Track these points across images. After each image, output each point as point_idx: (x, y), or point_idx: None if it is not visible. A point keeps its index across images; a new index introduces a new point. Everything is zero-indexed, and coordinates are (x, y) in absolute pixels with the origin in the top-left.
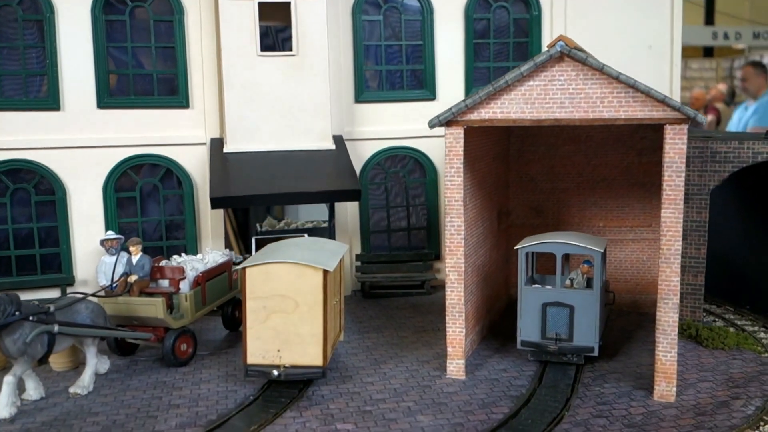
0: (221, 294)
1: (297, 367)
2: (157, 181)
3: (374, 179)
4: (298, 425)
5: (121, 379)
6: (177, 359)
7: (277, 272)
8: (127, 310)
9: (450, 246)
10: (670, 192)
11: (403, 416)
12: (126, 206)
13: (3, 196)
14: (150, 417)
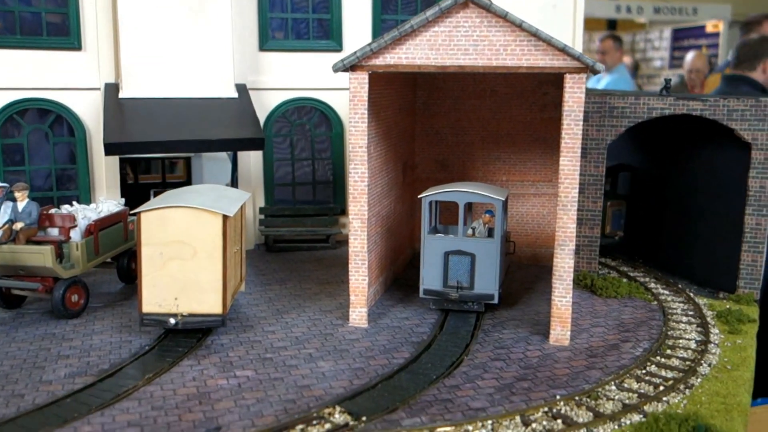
0: (116, 245)
1: (195, 315)
2: (46, 127)
3: (279, 131)
4: (196, 373)
5: (6, 332)
6: (67, 311)
7: (174, 217)
8: (12, 259)
9: (354, 193)
10: (569, 140)
11: (304, 363)
12: (12, 154)
13: None
14: (37, 368)
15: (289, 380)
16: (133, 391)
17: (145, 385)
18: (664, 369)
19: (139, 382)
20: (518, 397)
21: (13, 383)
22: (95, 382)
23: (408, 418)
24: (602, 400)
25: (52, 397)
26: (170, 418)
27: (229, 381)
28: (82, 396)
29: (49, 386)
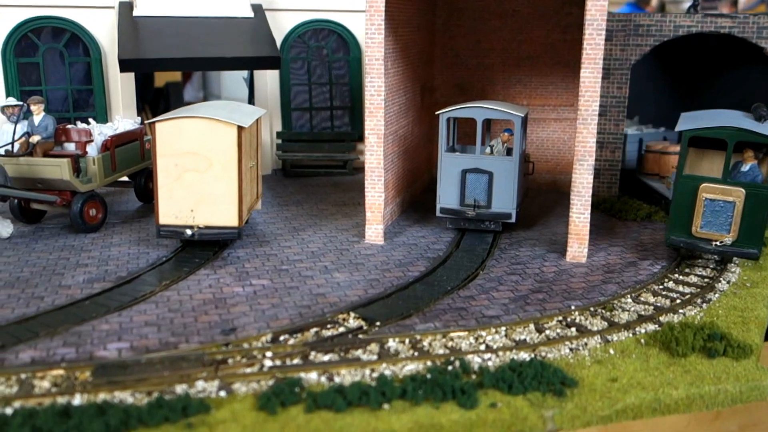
0: (133, 162)
1: (211, 227)
2: (61, 46)
3: (296, 54)
4: (212, 281)
5: (26, 243)
6: (85, 224)
7: (189, 128)
8: (30, 172)
9: (370, 108)
10: (590, 51)
11: (319, 274)
12: (28, 74)
13: None
14: (56, 274)
15: (304, 289)
16: (150, 296)
17: (162, 291)
18: (681, 285)
19: (156, 288)
20: (533, 307)
21: (33, 287)
22: (113, 287)
23: (421, 324)
24: (617, 311)
25: (70, 299)
26: (186, 320)
27: (244, 288)
28: (100, 299)
29: (68, 290)
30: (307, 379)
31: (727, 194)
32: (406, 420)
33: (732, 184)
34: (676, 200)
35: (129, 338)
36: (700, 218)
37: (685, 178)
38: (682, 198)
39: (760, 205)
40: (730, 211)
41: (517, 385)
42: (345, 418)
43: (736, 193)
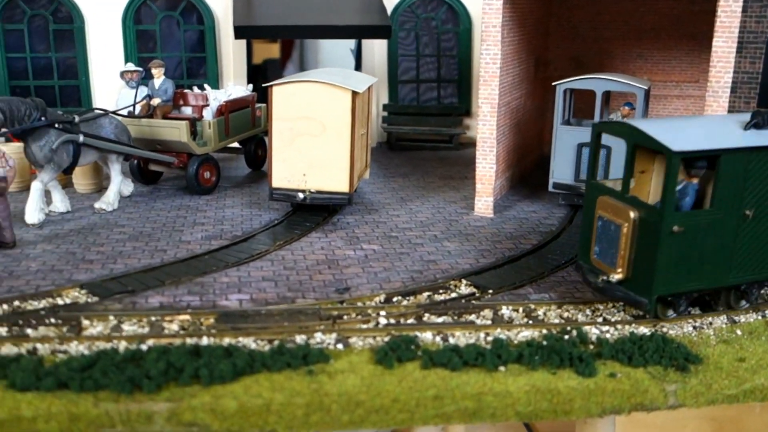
0: (244, 128)
1: (322, 192)
2: (177, 14)
3: (404, 25)
4: (324, 243)
5: (145, 202)
6: (200, 186)
7: (304, 92)
8: (151, 133)
9: (484, 76)
10: (725, 19)
11: (429, 242)
12: (146, 41)
13: (20, 22)
14: (176, 231)
15: (415, 255)
16: (265, 254)
17: (276, 250)
18: None
19: (270, 247)
20: None
21: (156, 241)
22: (230, 245)
23: (536, 294)
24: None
25: (191, 254)
26: (302, 277)
27: (356, 252)
28: (218, 254)
29: (188, 245)
30: (422, 338)
31: (618, 214)
32: (522, 383)
33: (626, 201)
34: (584, 214)
35: (248, 291)
36: (594, 242)
37: (591, 185)
38: (587, 212)
39: (649, 234)
40: (617, 239)
41: (637, 358)
42: (461, 377)
43: (625, 215)
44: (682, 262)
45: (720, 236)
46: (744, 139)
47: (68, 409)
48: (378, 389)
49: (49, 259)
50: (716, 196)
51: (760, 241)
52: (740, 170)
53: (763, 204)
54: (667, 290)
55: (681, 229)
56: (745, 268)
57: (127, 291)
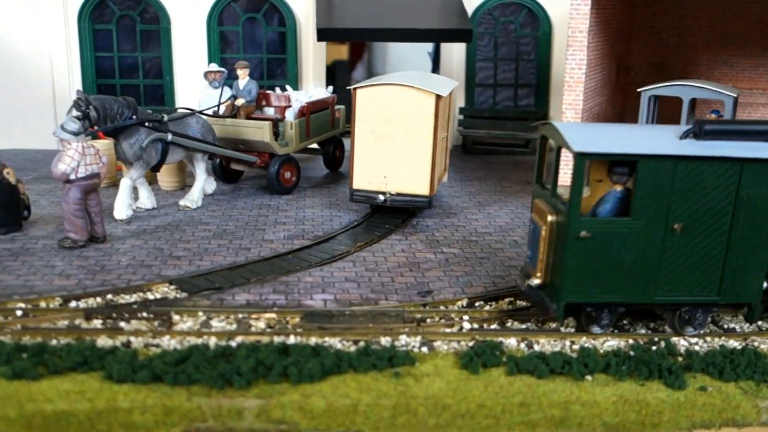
0: (324, 130)
1: (403, 194)
2: (260, 16)
3: (483, 29)
4: (404, 246)
5: (227, 200)
6: (281, 186)
7: (387, 95)
8: (235, 133)
9: (569, 81)
10: None
11: (509, 247)
12: (229, 41)
13: (109, 22)
14: (258, 229)
15: (495, 260)
16: (347, 255)
17: (357, 251)
18: None
19: (351, 248)
20: None
21: (240, 239)
22: (312, 245)
23: None
24: None
25: (274, 252)
26: (384, 279)
27: (436, 255)
28: (301, 254)
29: (271, 244)
30: (507, 344)
31: (541, 217)
32: (609, 393)
33: (550, 204)
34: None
35: (332, 291)
36: (528, 246)
37: (534, 188)
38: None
39: (561, 238)
40: (539, 242)
41: (728, 372)
42: (547, 384)
43: (545, 218)
44: (595, 270)
45: (642, 249)
46: (670, 148)
47: (163, 402)
48: (464, 394)
49: (138, 254)
50: (635, 205)
51: (692, 258)
52: (665, 180)
53: (696, 219)
54: (577, 298)
55: (588, 235)
56: (675, 287)
57: (215, 288)
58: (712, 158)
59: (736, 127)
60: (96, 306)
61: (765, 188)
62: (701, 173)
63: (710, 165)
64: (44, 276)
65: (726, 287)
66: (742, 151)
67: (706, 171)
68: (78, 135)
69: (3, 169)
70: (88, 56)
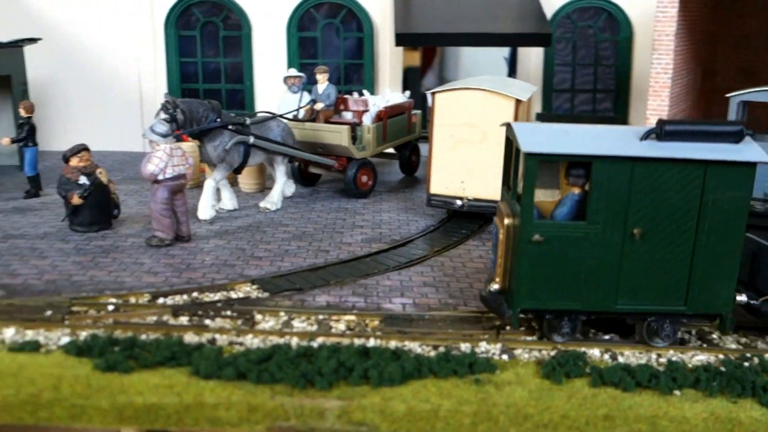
0: (400, 134)
1: (480, 200)
2: (338, 22)
3: (561, 34)
4: (482, 252)
5: (305, 203)
6: (358, 190)
7: (467, 100)
8: (314, 136)
9: (654, 87)
10: None
11: None
12: (307, 47)
13: (194, 29)
14: (336, 232)
15: None
16: (424, 260)
17: (435, 256)
18: None
19: (429, 253)
20: None
21: (318, 241)
22: (389, 248)
23: None
24: None
25: (352, 255)
26: (462, 285)
27: None
28: (378, 257)
29: (349, 247)
30: (590, 354)
31: (501, 220)
32: (699, 410)
33: (510, 207)
34: None
35: (411, 295)
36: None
37: (502, 191)
38: None
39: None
40: (496, 245)
41: None
42: (633, 398)
43: (502, 221)
44: (550, 276)
45: (600, 254)
46: (626, 149)
47: (247, 400)
48: (547, 404)
49: (221, 253)
50: (590, 208)
51: (654, 265)
52: (622, 183)
53: (658, 224)
54: (532, 305)
55: (541, 239)
56: (637, 295)
57: (296, 289)
58: (673, 160)
59: (700, 127)
60: (182, 303)
61: (732, 192)
62: (661, 176)
63: (671, 167)
64: (133, 273)
65: (693, 297)
66: (706, 152)
67: (667, 174)
68: (166, 137)
69: (96, 170)
70: (173, 62)
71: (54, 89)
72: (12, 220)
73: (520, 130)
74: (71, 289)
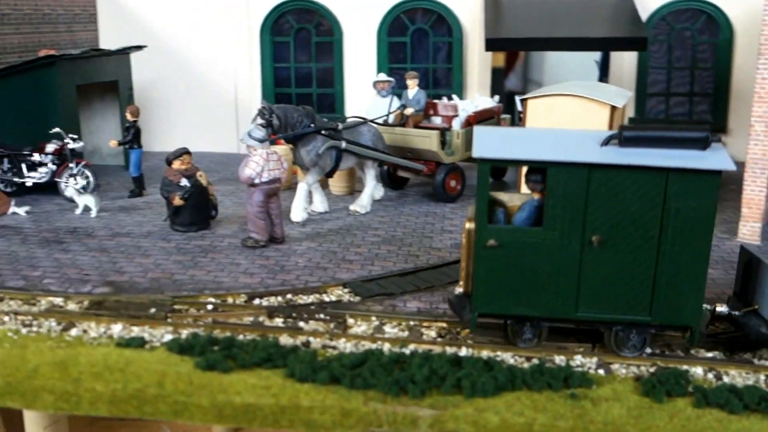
0: None
1: None
2: (427, 27)
3: (655, 36)
4: None
5: (394, 206)
6: (446, 194)
7: (560, 106)
8: (403, 141)
9: (759, 92)
10: None
11: None
12: (396, 52)
13: (287, 35)
14: (425, 237)
15: None
16: None
17: None
18: None
19: None
20: None
21: (408, 246)
22: None
23: None
24: None
25: (442, 261)
26: None
27: None
28: None
29: (438, 252)
30: (693, 372)
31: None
32: None
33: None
34: None
35: None
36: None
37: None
38: None
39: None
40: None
41: None
42: (741, 421)
43: (465, 223)
44: (508, 281)
45: (558, 261)
46: (582, 155)
47: (341, 404)
48: (647, 423)
49: (313, 256)
50: (547, 214)
51: (616, 273)
52: (578, 189)
53: (619, 231)
54: (490, 309)
55: (495, 243)
56: (599, 303)
57: (387, 294)
58: (632, 167)
59: (660, 133)
60: (277, 305)
61: (695, 200)
62: (620, 183)
63: (630, 174)
64: (230, 273)
65: (658, 307)
66: (667, 159)
67: (626, 180)
68: (263, 142)
69: (197, 173)
70: (267, 67)
71: (155, 93)
72: (118, 218)
73: (477, 134)
74: (173, 288)
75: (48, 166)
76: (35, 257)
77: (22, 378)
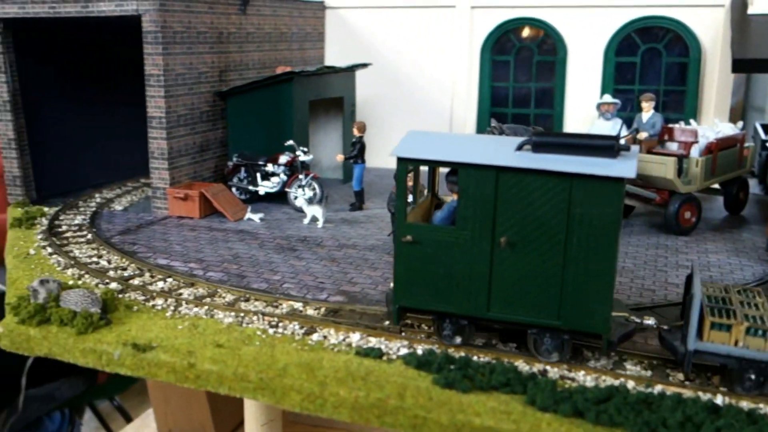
0: (730, 169)
1: None
2: (661, 46)
3: None
4: None
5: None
6: (678, 226)
7: None
8: None
9: None
10: None
11: None
12: (624, 72)
13: (508, 54)
14: (659, 270)
15: None
16: None
17: None
18: None
19: None
20: None
21: (641, 278)
22: None
23: None
24: None
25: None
26: None
27: None
28: None
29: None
30: None
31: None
32: None
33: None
34: None
35: None
36: None
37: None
38: None
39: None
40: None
41: None
42: None
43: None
44: (425, 277)
45: (470, 260)
46: (491, 158)
47: None
48: None
49: None
50: (459, 214)
51: (525, 275)
52: (488, 191)
53: (526, 234)
54: (409, 303)
55: (410, 239)
56: (509, 304)
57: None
58: (538, 171)
59: (567, 140)
60: None
61: (600, 208)
62: (527, 187)
63: (537, 178)
64: None
65: (567, 312)
66: (572, 165)
67: (533, 185)
68: None
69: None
70: (485, 85)
71: (374, 109)
72: (342, 230)
73: (406, 137)
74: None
75: (280, 176)
76: (273, 262)
77: (273, 376)
